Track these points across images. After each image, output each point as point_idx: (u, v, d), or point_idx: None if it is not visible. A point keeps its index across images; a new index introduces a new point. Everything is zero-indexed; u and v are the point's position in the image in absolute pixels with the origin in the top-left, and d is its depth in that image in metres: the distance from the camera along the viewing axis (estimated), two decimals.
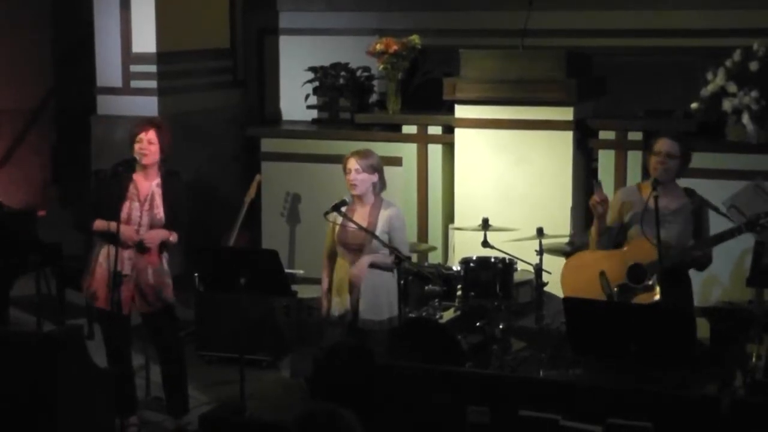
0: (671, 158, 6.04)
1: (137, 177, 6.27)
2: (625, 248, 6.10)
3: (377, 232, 6.26)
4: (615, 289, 6.03)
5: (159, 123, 6.36)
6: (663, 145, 6.06)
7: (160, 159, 6.28)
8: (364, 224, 6.26)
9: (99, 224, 6.22)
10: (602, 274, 6.06)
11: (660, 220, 5.90)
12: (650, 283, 5.93)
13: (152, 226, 6.25)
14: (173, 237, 6.28)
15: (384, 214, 6.33)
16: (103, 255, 6.24)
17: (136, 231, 6.21)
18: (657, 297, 5.88)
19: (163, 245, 6.31)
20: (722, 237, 5.98)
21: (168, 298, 6.34)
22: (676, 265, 5.94)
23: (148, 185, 6.28)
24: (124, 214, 6.21)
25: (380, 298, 6.33)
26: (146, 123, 6.31)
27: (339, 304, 6.36)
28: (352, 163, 6.33)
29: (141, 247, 6.23)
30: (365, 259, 6.28)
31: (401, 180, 8.47)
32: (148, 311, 6.32)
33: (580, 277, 6.18)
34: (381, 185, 6.40)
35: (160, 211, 6.27)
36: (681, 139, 6.15)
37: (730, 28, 8.28)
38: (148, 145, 6.22)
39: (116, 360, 6.28)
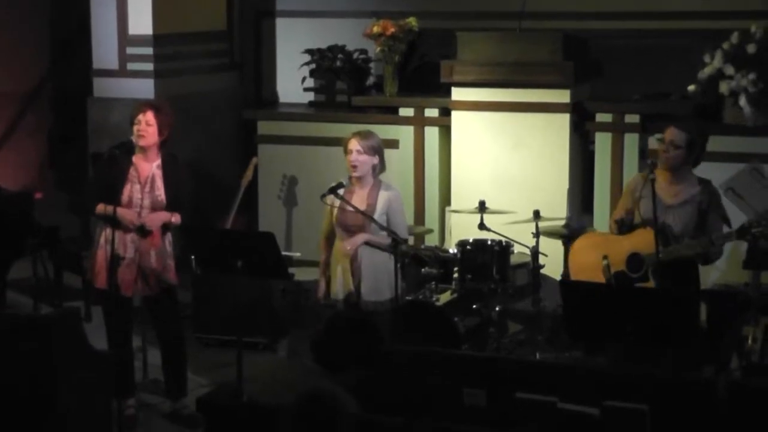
0: (675, 148, 5.99)
1: (137, 159, 6.27)
2: (631, 234, 6.08)
3: (377, 214, 6.26)
4: (612, 276, 6.03)
5: (158, 105, 6.35)
6: (669, 133, 6.02)
7: (159, 141, 6.27)
8: (364, 206, 6.26)
9: (100, 208, 6.23)
10: (605, 258, 6.06)
11: (666, 208, 5.89)
12: (646, 274, 5.91)
13: (154, 207, 6.26)
14: (175, 218, 6.29)
15: (383, 196, 6.33)
16: (105, 237, 6.25)
17: (137, 213, 6.22)
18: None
19: (166, 227, 6.31)
20: (715, 241, 5.94)
21: (170, 280, 6.35)
22: (675, 259, 5.90)
23: (148, 167, 6.28)
24: (125, 197, 6.22)
25: (381, 278, 6.34)
26: (145, 105, 6.31)
27: (342, 286, 6.36)
28: (354, 144, 6.32)
29: (143, 231, 6.23)
30: (360, 236, 6.28)
31: (398, 162, 8.46)
32: (149, 294, 6.33)
33: (587, 259, 6.17)
34: (381, 167, 6.41)
35: (161, 193, 6.27)
36: (690, 128, 6.05)
37: (727, 10, 8.27)
38: (146, 126, 6.21)
39: (116, 342, 6.29)
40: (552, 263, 7.22)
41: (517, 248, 7.05)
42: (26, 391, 5.50)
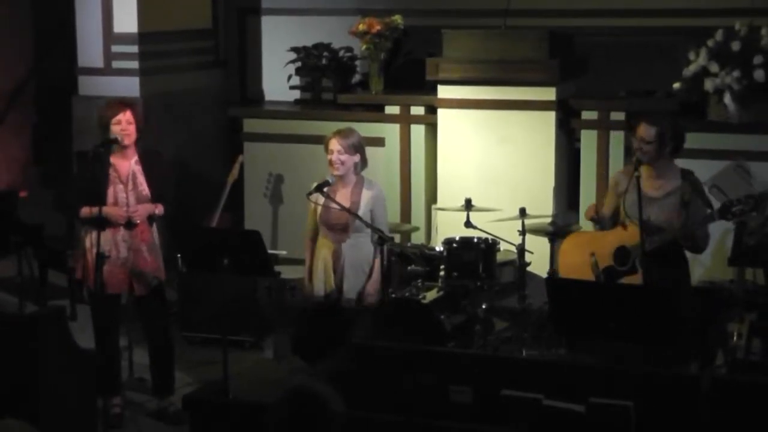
0: (645, 143, 6.01)
1: (114, 159, 6.26)
2: (616, 229, 6.09)
3: (360, 212, 6.27)
4: (601, 272, 6.04)
5: (132, 102, 6.40)
6: (640, 129, 6.04)
7: (136, 138, 6.29)
8: (347, 204, 6.27)
9: (86, 211, 6.21)
10: (592, 255, 6.07)
11: (650, 201, 5.91)
12: (634, 265, 5.93)
13: (139, 203, 6.28)
14: (159, 209, 6.32)
15: (367, 194, 6.34)
16: (90, 241, 6.22)
17: (124, 210, 6.22)
18: (639, 279, 5.88)
19: (151, 219, 6.32)
20: (697, 224, 5.94)
21: (161, 275, 6.35)
22: (660, 248, 5.91)
23: (127, 165, 6.28)
24: (111, 199, 6.22)
25: (363, 278, 6.33)
26: (121, 104, 6.30)
27: (324, 284, 6.37)
28: (334, 144, 6.33)
29: (130, 224, 6.23)
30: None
31: (384, 160, 8.47)
32: (142, 293, 6.32)
33: (575, 259, 6.19)
34: (362, 164, 6.41)
35: (144, 188, 6.28)
36: (658, 121, 6.05)
37: (712, 8, 8.29)
38: (128, 125, 6.23)
39: (103, 341, 6.28)
40: (538, 260, 7.23)
41: (503, 246, 7.05)
42: (11, 389, 5.48)
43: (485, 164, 8.07)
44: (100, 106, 6.48)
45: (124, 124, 6.22)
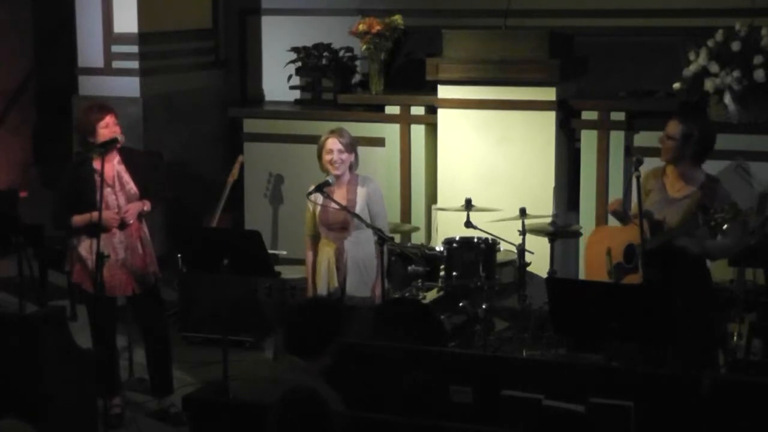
0: (668, 139, 5.91)
1: (97, 164, 6.22)
2: (631, 226, 6.03)
3: (357, 209, 6.27)
4: (612, 267, 6.02)
5: (111, 106, 6.41)
6: (669, 124, 5.93)
7: None
8: (343, 203, 6.27)
9: (78, 219, 6.20)
10: (608, 250, 6.05)
11: (669, 202, 5.87)
12: (637, 264, 5.90)
13: (130, 201, 6.27)
14: (146, 206, 6.31)
15: (362, 191, 6.34)
16: (85, 248, 6.21)
17: (116, 213, 6.22)
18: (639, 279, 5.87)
19: (140, 215, 6.34)
20: (683, 231, 5.87)
21: (156, 270, 6.36)
22: (665, 250, 5.85)
23: (110, 166, 6.27)
24: (102, 204, 6.19)
25: (366, 274, 6.34)
26: (103, 108, 6.31)
27: (327, 283, 6.36)
28: (334, 143, 6.32)
29: (123, 225, 6.24)
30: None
31: (384, 160, 8.47)
32: (140, 291, 6.32)
33: (598, 251, 6.14)
34: (356, 163, 6.42)
35: (132, 186, 6.29)
36: (689, 121, 5.89)
37: (712, 8, 8.29)
38: (115, 126, 6.26)
39: (102, 341, 6.28)
40: (538, 260, 7.23)
41: (503, 246, 7.06)
42: (12, 390, 5.48)
43: (485, 164, 8.08)
44: (81, 114, 6.46)
45: (112, 126, 6.24)
